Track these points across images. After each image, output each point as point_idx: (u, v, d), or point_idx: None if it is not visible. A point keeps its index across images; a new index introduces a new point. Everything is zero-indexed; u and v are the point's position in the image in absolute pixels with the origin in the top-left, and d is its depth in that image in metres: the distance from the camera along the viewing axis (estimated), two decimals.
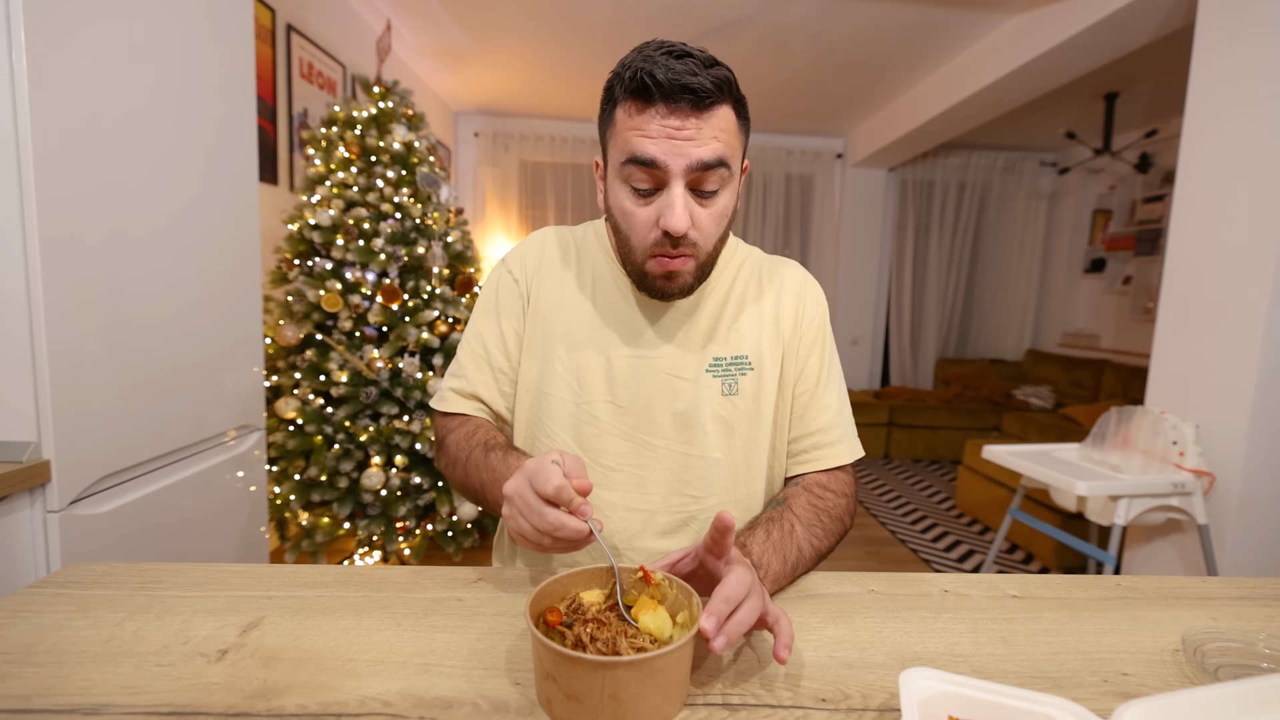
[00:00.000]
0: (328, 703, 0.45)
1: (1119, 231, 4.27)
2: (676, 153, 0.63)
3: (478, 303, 0.82)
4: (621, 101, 0.65)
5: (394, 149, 2.07)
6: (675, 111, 0.62)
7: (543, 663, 0.44)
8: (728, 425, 0.76)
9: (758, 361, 0.77)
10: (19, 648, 0.50)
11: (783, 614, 0.50)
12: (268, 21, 2.17)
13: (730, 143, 0.65)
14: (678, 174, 0.63)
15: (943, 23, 2.84)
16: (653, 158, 0.63)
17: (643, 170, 0.64)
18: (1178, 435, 1.74)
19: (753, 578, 0.50)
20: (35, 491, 0.89)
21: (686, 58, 0.62)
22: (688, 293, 0.72)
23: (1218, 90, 1.76)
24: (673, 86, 0.61)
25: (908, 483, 3.88)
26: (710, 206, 0.67)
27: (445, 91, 4.09)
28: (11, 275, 0.85)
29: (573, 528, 0.52)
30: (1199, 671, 0.51)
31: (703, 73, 0.61)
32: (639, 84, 0.62)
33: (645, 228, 0.67)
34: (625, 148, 0.65)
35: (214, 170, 1.25)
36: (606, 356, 0.76)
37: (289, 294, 2.00)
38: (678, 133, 0.62)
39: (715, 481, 0.75)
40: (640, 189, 0.66)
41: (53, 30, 0.87)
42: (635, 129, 0.64)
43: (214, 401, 1.28)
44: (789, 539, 0.66)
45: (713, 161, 0.63)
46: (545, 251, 0.81)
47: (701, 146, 0.63)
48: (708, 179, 0.65)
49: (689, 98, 0.61)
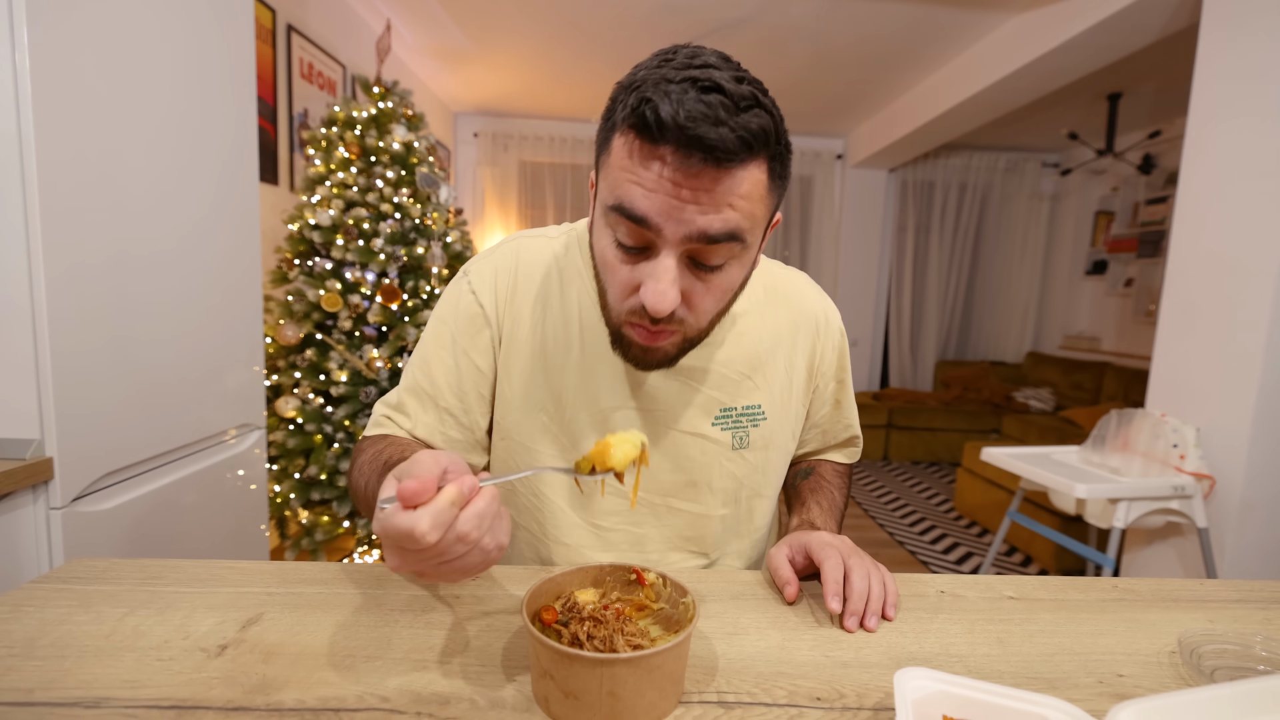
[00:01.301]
0: (326, 698, 0.45)
1: (1121, 233, 4.26)
2: (673, 216, 0.48)
3: (432, 322, 0.70)
4: (620, 129, 0.50)
5: (394, 149, 2.07)
6: (684, 165, 0.47)
7: (540, 660, 0.44)
8: (736, 480, 0.70)
9: (771, 409, 0.69)
10: (22, 642, 0.51)
11: (889, 576, 0.60)
12: (268, 22, 2.18)
13: (752, 211, 0.50)
14: (672, 242, 0.50)
15: (944, 22, 2.84)
16: (643, 215, 0.49)
17: (629, 225, 0.50)
18: (1178, 438, 1.74)
19: (864, 562, 0.60)
20: (38, 488, 0.90)
21: (715, 93, 0.46)
22: (668, 364, 0.60)
23: (1222, 91, 1.76)
24: (683, 135, 0.46)
25: (906, 485, 3.88)
26: (711, 281, 0.53)
27: (445, 92, 4.10)
28: (14, 275, 0.86)
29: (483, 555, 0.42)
30: (1195, 673, 0.52)
31: (731, 120, 0.46)
32: (640, 118, 0.47)
33: (624, 289, 0.54)
34: (614, 190, 0.51)
35: (215, 170, 1.25)
36: (600, 410, 0.66)
37: (289, 293, 2.00)
38: (678, 191, 0.48)
39: (719, 537, 0.72)
40: (625, 245, 0.52)
41: (55, 31, 0.87)
42: (629, 173, 0.49)
43: (215, 400, 1.28)
44: (834, 504, 0.74)
45: (720, 236, 0.49)
46: (520, 275, 0.68)
47: (708, 214, 0.48)
48: (712, 253, 0.51)
49: (702, 154, 0.46)
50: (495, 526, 0.42)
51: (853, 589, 0.57)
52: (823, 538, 0.63)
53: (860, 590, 0.57)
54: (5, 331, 0.86)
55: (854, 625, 0.56)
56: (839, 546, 0.62)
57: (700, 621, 0.57)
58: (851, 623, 0.56)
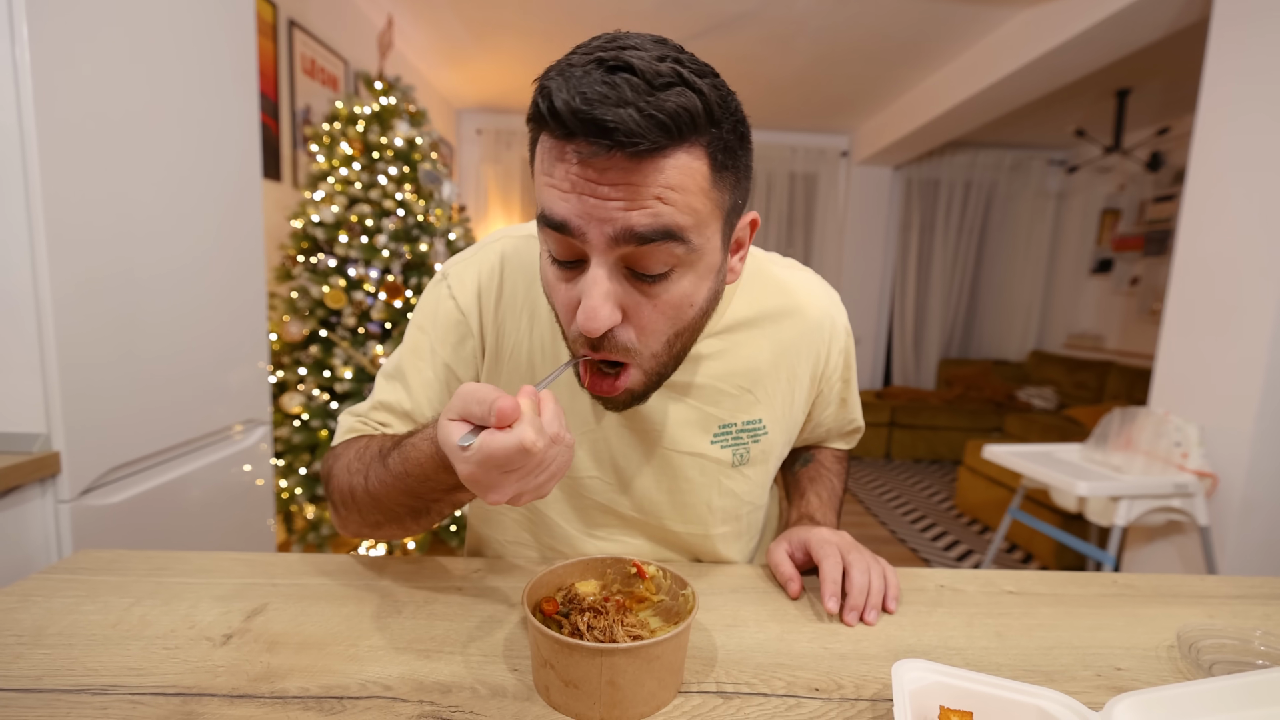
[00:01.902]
0: (329, 686, 0.46)
1: (1128, 231, 4.24)
2: (593, 215, 0.42)
3: (410, 330, 0.65)
4: (531, 127, 0.45)
5: (396, 145, 2.08)
6: (594, 156, 0.41)
7: (540, 650, 0.44)
8: (736, 498, 0.67)
9: (773, 423, 0.66)
10: (30, 630, 0.51)
11: (890, 569, 0.61)
12: (270, 17, 2.18)
13: (690, 205, 0.43)
14: (599, 247, 0.43)
15: (950, 18, 2.83)
16: (562, 220, 0.43)
17: (553, 234, 0.45)
18: (1181, 436, 1.74)
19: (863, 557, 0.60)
20: (46, 482, 0.91)
21: (622, 72, 0.40)
22: (633, 404, 0.53)
23: (1232, 87, 1.75)
24: (578, 121, 0.40)
25: (908, 483, 3.87)
26: (656, 295, 0.46)
27: (447, 88, 4.10)
28: (20, 271, 0.86)
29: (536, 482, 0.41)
30: (1193, 667, 0.52)
31: (640, 99, 0.40)
32: (535, 109, 0.42)
33: (567, 311, 0.48)
34: (538, 196, 0.45)
35: (218, 166, 1.26)
36: (589, 426, 0.62)
37: (293, 290, 2.01)
38: (595, 188, 0.42)
39: (721, 552, 0.71)
40: (558, 260, 0.47)
41: (56, 28, 0.88)
42: (545, 174, 0.44)
43: (220, 396, 1.29)
44: (833, 493, 0.75)
45: (651, 234, 0.42)
46: (505, 281, 0.62)
47: (631, 210, 0.42)
48: (648, 256, 0.44)
49: (608, 141, 0.40)
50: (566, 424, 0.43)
51: (852, 584, 0.58)
52: (822, 534, 0.63)
53: (860, 585, 0.58)
54: (12, 327, 0.87)
55: (853, 620, 0.57)
56: (838, 543, 0.62)
57: (700, 613, 0.57)
58: (851, 617, 0.57)
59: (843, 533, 0.65)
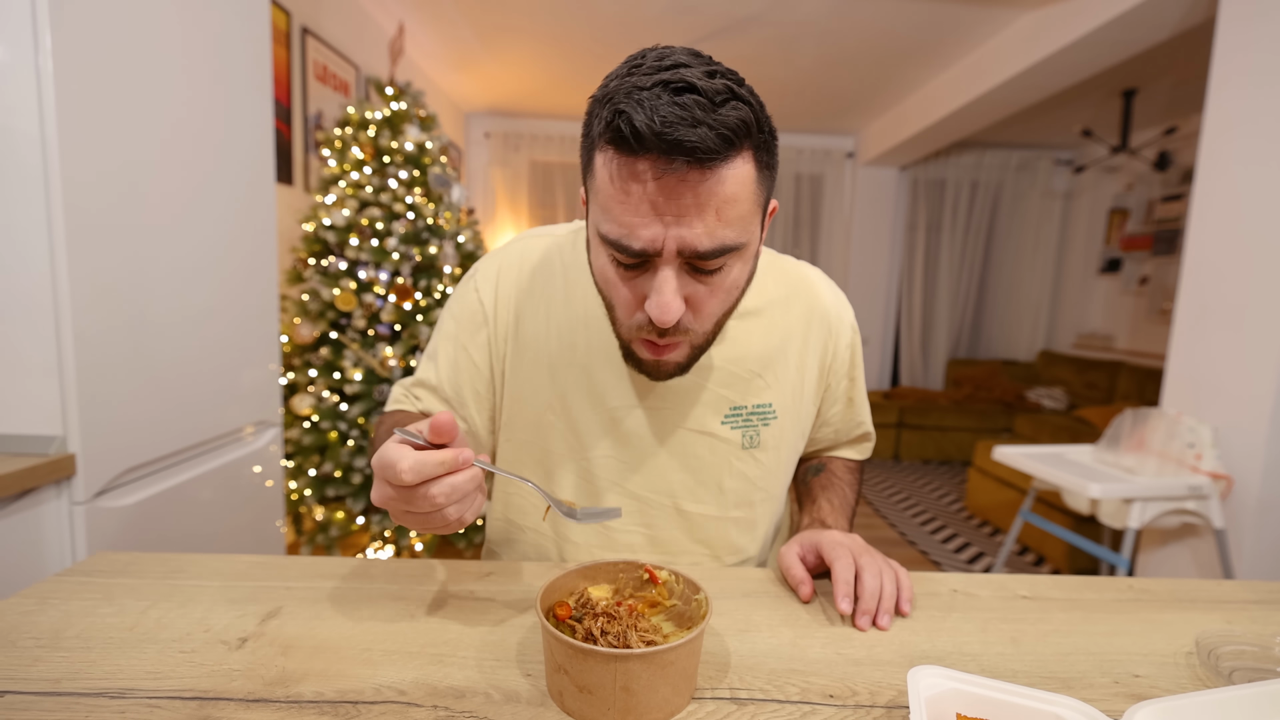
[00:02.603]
0: (344, 690, 0.46)
1: (1136, 231, 4.21)
2: (668, 235, 0.49)
3: (442, 316, 0.73)
4: (599, 145, 0.50)
5: (406, 150, 2.09)
6: (667, 172, 0.46)
7: (554, 655, 0.44)
8: (748, 481, 0.69)
9: (782, 408, 0.69)
10: (48, 633, 0.52)
11: (902, 571, 0.60)
12: (283, 25, 2.20)
13: (743, 213, 0.50)
14: (668, 258, 0.50)
15: (956, 19, 2.82)
16: (641, 250, 0.49)
17: (626, 254, 0.51)
18: (1194, 438, 1.72)
19: (875, 560, 0.59)
20: (62, 484, 0.92)
21: (689, 93, 0.46)
22: (680, 374, 0.60)
23: (1239, 86, 1.74)
24: (661, 141, 0.45)
25: (917, 484, 3.85)
26: (714, 284, 0.53)
27: (456, 92, 4.12)
28: (38, 276, 0.87)
29: (428, 517, 0.45)
30: (1213, 674, 0.51)
31: (709, 117, 0.45)
32: (615, 131, 0.47)
33: (629, 306, 0.54)
34: (606, 217, 0.50)
35: (232, 172, 1.27)
36: (608, 410, 0.66)
37: (304, 293, 2.02)
38: (670, 204, 0.47)
39: (735, 540, 0.72)
40: (623, 264, 0.53)
41: (78, 37, 0.89)
42: (615, 197, 0.49)
43: (232, 398, 1.30)
44: (845, 501, 0.75)
45: (712, 252, 0.49)
46: (525, 274, 0.68)
47: (698, 228, 0.48)
48: (708, 261, 0.51)
49: (685, 158, 0.46)
50: (465, 502, 0.46)
51: (864, 588, 0.57)
52: (834, 536, 0.63)
53: (872, 589, 0.57)
54: (30, 331, 0.88)
55: (865, 624, 0.56)
56: (850, 545, 0.62)
57: (713, 618, 0.57)
58: (863, 621, 0.56)
59: (854, 535, 0.65)
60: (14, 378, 0.89)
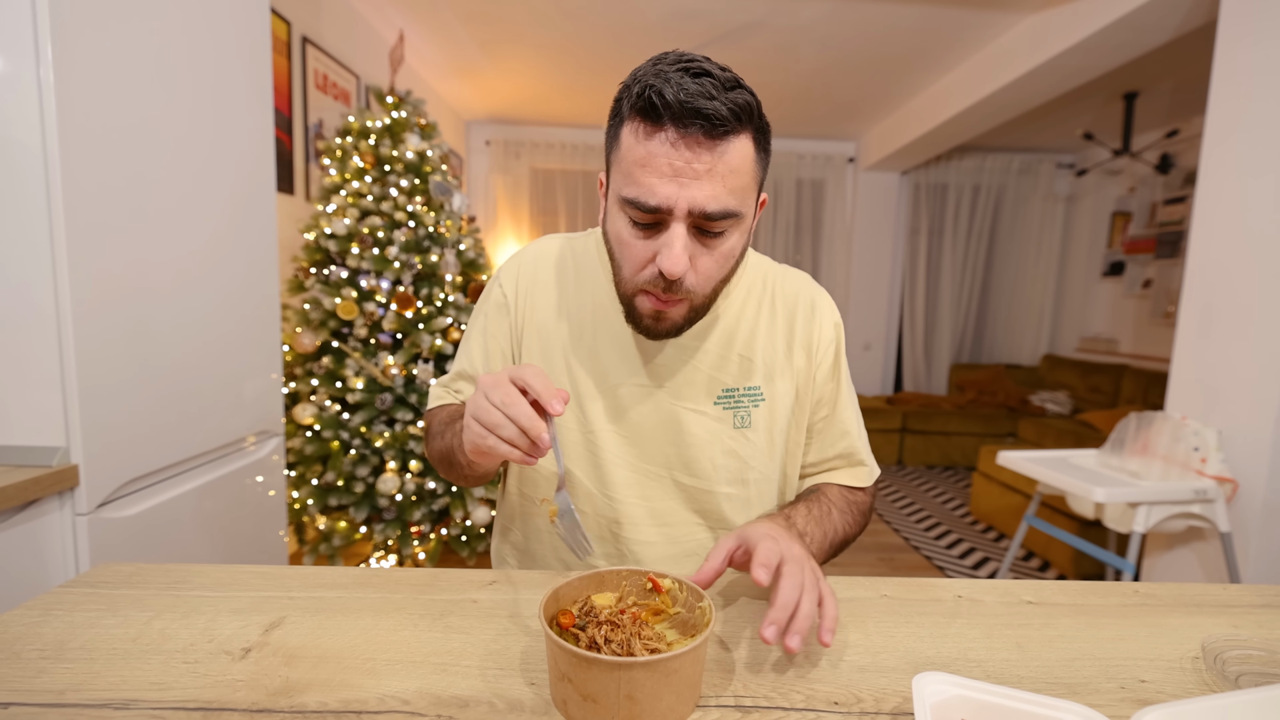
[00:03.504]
0: (348, 700, 0.46)
1: (1139, 234, 4.21)
2: (681, 195, 0.57)
3: (473, 314, 0.81)
4: (628, 119, 0.59)
5: (407, 158, 2.10)
6: (685, 138, 0.56)
7: (558, 664, 0.44)
8: (740, 460, 0.73)
9: (770, 392, 0.74)
10: (53, 644, 0.52)
11: (830, 594, 0.53)
12: (284, 34, 2.22)
13: (743, 185, 0.59)
14: (680, 216, 0.58)
15: (957, 23, 2.83)
16: (656, 205, 0.57)
17: (643, 213, 0.59)
18: (1199, 441, 1.71)
19: (800, 574, 0.52)
20: (64, 495, 0.92)
21: (704, 77, 0.56)
22: (676, 334, 0.67)
23: (1241, 88, 1.74)
24: (683, 109, 0.55)
25: (921, 489, 3.84)
26: (714, 249, 0.61)
27: (457, 100, 4.15)
28: (41, 288, 0.88)
29: (529, 415, 0.50)
30: (1219, 679, 0.51)
31: (721, 95, 0.55)
32: (646, 102, 0.56)
33: (639, 262, 0.62)
34: (628, 181, 0.59)
35: (233, 181, 1.28)
36: (608, 386, 0.72)
37: (306, 302, 2.03)
38: (686, 168, 0.56)
39: (728, 515, 0.74)
40: (640, 224, 0.61)
41: (79, 48, 0.90)
42: (640, 162, 0.58)
43: (234, 408, 1.31)
44: (827, 517, 0.70)
45: (718, 214, 0.58)
46: (539, 268, 0.77)
47: (706, 190, 0.57)
48: (714, 223, 0.59)
49: (701, 124, 0.55)
50: (511, 430, 0.51)
51: (778, 595, 0.50)
52: (763, 529, 0.57)
53: (785, 599, 0.50)
54: (33, 342, 0.89)
55: (771, 635, 0.48)
56: (782, 547, 0.54)
57: (717, 626, 0.57)
58: (769, 632, 0.48)
59: (791, 535, 0.58)
60: (17, 389, 0.90)
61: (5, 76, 0.84)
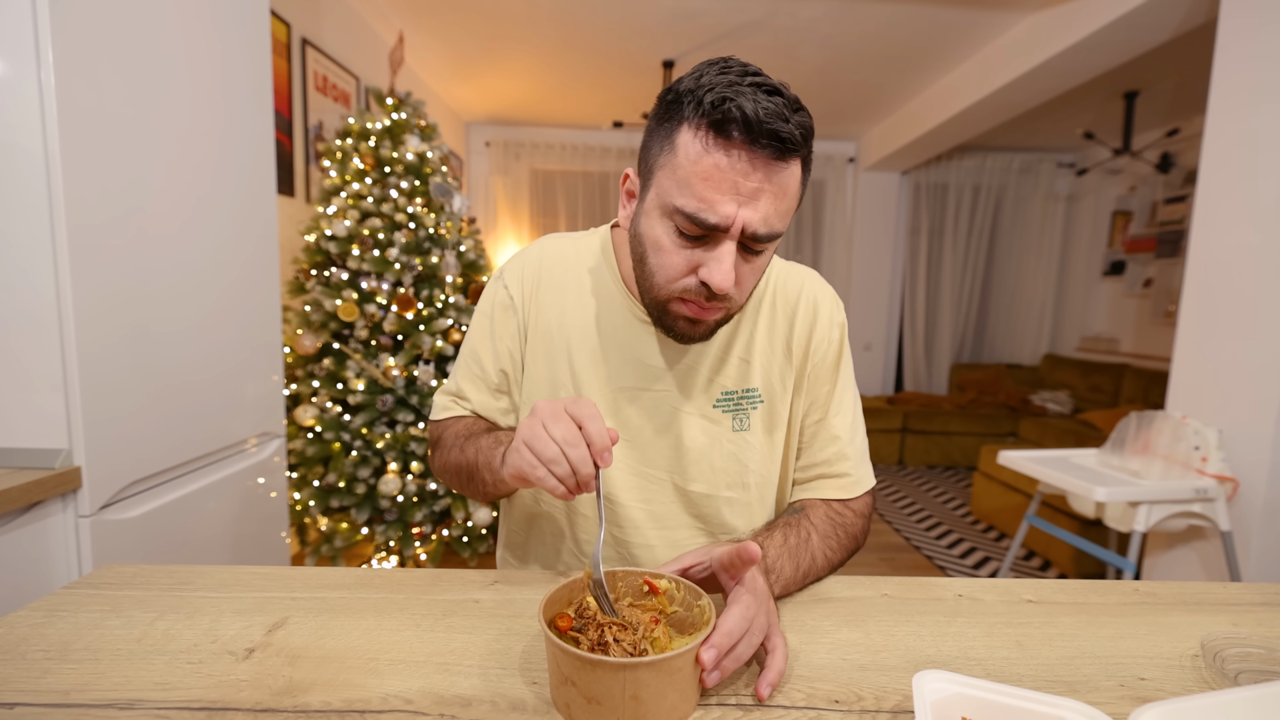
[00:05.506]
0: (351, 700, 0.46)
1: (1139, 233, 4.21)
2: (740, 215, 0.56)
3: (475, 317, 0.79)
4: (692, 125, 0.56)
5: (407, 160, 2.10)
6: (755, 157, 0.54)
7: (561, 668, 0.44)
8: (740, 463, 0.72)
9: (768, 394, 0.73)
10: (57, 645, 0.52)
11: (782, 644, 0.50)
12: (283, 36, 2.22)
13: (790, 207, 0.59)
14: (734, 234, 0.57)
15: (957, 23, 2.83)
16: (715, 224, 0.56)
17: (699, 225, 0.57)
18: (1200, 440, 1.72)
19: (756, 610, 0.49)
20: (67, 497, 0.92)
21: (777, 95, 0.54)
22: (708, 338, 0.67)
23: (1241, 87, 1.74)
24: (761, 129, 0.53)
25: (922, 489, 3.84)
26: (754, 262, 0.61)
27: (457, 102, 4.15)
28: (43, 291, 0.88)
29: (584, 460, 0.51)
30: (1219, 677, 0.51)
31: (792, 118, 0.54)
32: (724, 114, 0.53)
33: (678, 271, 0.60)
34: (683, 190, 0.56)
35: (234, 183, 1.28)
36: (610, 389, 0.72)
37: (306, 304, 2.03)
38: (748, 186, 0.55)
39: (728, 520, 0.73)
40: (687, 234, 0.59)
41: (79, 51, 0.90)
42: (703, 175, 0.55)
43: (235, 410, 1.31)
44: (804, 546, 0.65)
45: (766, 236, 0.58)
46: (544, 268, 0.75)
47: (762, 211, 0.56)
48: (761, 244, 0.59)
49: (774, 145, 0.53)
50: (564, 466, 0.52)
51: (721, 626, 0.47)
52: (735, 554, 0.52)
53: (728, 630, 0.46)
54: (35, 345, 0.89)
55: (708, 658, 0.45)
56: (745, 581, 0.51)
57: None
58: (707, 656, 0.45)
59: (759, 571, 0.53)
60: (20, 392, 0.90)
61: (6, 80, 0.84)
